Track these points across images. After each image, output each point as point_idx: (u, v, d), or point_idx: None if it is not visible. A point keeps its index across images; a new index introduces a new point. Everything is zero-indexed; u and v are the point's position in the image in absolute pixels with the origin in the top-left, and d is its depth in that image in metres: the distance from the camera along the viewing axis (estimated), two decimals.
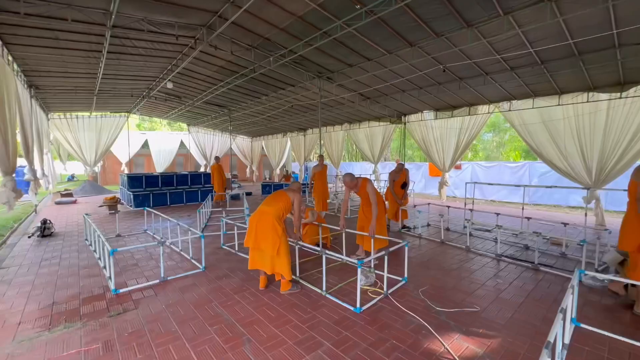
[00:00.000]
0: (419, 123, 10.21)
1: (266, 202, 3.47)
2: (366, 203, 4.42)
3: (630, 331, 2.69)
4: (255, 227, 3.35)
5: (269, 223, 3.31)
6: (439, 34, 5.05)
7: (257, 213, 3.43)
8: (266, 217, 3.33)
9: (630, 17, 4.16)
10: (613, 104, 6.55)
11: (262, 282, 3.54)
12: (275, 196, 3.53)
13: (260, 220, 3.35)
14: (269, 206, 3.40)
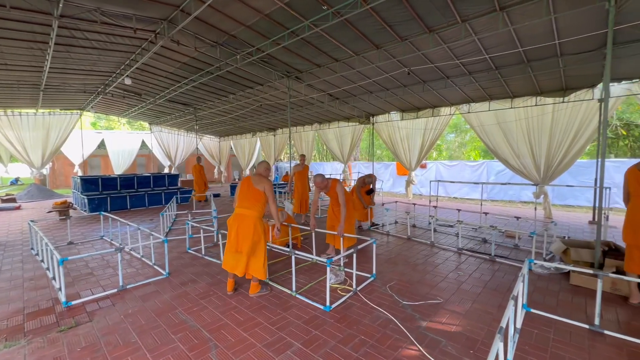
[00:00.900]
0: (386, 124, 10.53)
1: (243, 204, 3.30)
2: (336, 203, 4.48)
3: (571, 313, 2.97)
4: (237, 232, 3.24)
5: (251, 225, 3.23)
6: (403, 38, 5.24)
7: (237, 216, 3.29)
8: (248, 220, 3.24)
9: (569, 29, 4.60)
10: (557, 107, 7.21)
11: (230, 286, 3.42)
12: (249, 194, 3.32)
13: (242, 224, 3.24)
14: (249, 208, 3.27)
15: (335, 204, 4.51)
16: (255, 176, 3.39)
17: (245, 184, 3.37)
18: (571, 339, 2.55)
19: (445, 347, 2.44)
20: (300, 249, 4.97)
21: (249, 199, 3.31)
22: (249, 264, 3.25)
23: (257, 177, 3.37)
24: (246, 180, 3.40)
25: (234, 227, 3.26)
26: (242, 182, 3.40)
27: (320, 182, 4.28)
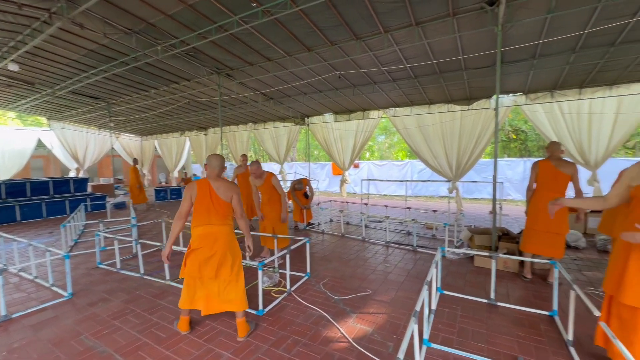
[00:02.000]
0: (321, 125, 10.79)
1: (211, 220, 2.54)
2: (268, 200, 4.41)
3: (475, 291, 3.45)
4: (214, 254, 2.52)
5: (227, 244, 2.57)
6: (333, 43, 5.43)
7: (206, 237, 2.52)
8: (223, 238, 2.56)
9: (471, 46, 5.33)
10: (464, 114, 8.32)
11: (185, 324, 2.64)
12: (214, 207, 2.54)
13: (217, 244, 2.53)
14: (223, 224, 2.57)
15: (267, 201, 4.43)
16: (216, 181, 2.58)
17: (206, 193, 2.54)
18: (474, 313, 2.96)
19: (372, 336, 2.59)
20: None
21: (216, 213, 2.55)
22: (229, 294, 2.56)
23: (220, 184, 2.59)
24: (204, 186, 2.54)
25: (204, 253, 2.50)
26: (200, 191, 2.52)
27: (256, 170, 4.21)
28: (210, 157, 2.63)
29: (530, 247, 3.64)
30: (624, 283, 1.89)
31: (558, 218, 3.37)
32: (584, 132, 7.21)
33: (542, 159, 3.68)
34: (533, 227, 3.61)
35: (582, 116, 7.16)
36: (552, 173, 3.51)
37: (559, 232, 3.47)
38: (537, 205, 3.58)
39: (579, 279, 3.78)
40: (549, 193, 3.47)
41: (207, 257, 2.52)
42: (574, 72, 6.25)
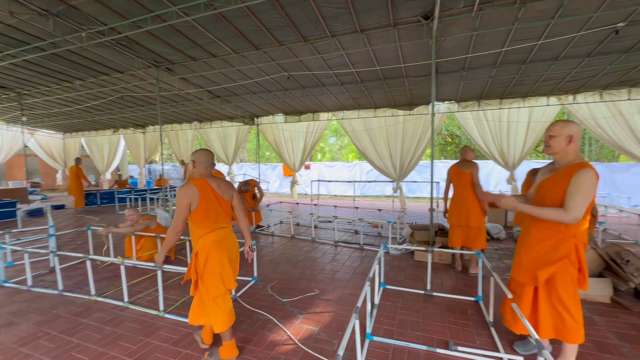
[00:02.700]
0: (271, 125, 10.65)
1: (222, 222, 2.29)
2: None
3: (414, 284, 3.70)
4: (230, 264, 2.28)
5: (238, 249, 2.44)
6: (281, 43, 5.39)
7: (223, 241, 2.26)
8: (236, 243, 2.41)
9: (410, 56, 5.73)
10: (406, 118, 8.91)
11: (209, 337, 2.46)
12: (221, 207, 2.29)
13: (233, 250, 2.34)
14: (229, 226, 2.37)
15: None
16: (214, 180, 2.31)
17: (211, 195, 2.23)
18: (413, 304, 3.17)
19: (318, 335, 2.62)
20: (173, 262, 4.43)
21: (224, 215, 2.31)
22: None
23: (220, 182, 2.33)
24: (206, 188, 2.22)
25: (225, 259, 2.23)
26: (203, 193, 2.19)
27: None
28: (198, 153, 2.30)
29: (454, 241, 4.03)
30: (514, 263, 2.23)
31: (470, 213, 3.82)
32: (504, 138, 8.23)
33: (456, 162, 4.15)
34: (452, 223, 4.03)
35: (503, 123, 8.18)
36: (456, 174, 3.98)
37: (473, 226, 3.86)
38: (453, 203, 4.03)
39: (499, 267, 4.29)
40: (458, 191, 3.96)
41: (228, 265, 2.25)
42: (495, 85, 7.10)
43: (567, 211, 1.85)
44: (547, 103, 7.73)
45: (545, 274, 1.99)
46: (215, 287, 2.18)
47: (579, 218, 1.85)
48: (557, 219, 1.89)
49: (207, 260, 2.18)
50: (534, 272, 2.06)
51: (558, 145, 1.99)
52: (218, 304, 2.20)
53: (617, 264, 3.34)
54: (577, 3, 3.94)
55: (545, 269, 1.99)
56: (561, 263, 1.95)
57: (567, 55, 5.49)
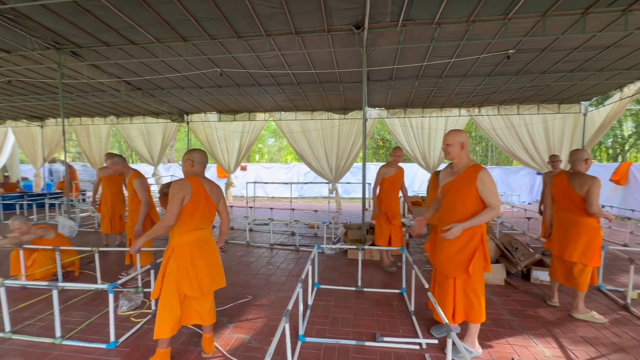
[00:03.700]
0: (203, 124, 9.98)
1: (203, 223, 2.25)
2: (136, 208, 3.75)
3: (346, 281, 3.83)
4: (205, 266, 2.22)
5: (217, 250, 2.42)
6: (213, 37, 5.09)
7: (201, 242, 2.22)
8: (213, 243, 2.37)
9: (344, 62, 5.96)
10: (341, 122, 9.27)
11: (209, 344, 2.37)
12: (208, 209, 2.27)
13: (211, 252, 2.31)
14: (208, 228, 2.33)
15: (135, 209, 3.77)
16: (207, 182, 2.30)
17: (202, 195, 2.21)
18: (345, 301, 3.28)
19: (249, 343, 2.51)
20: (77, 278, 3.80)
21: (209, 217, 2.30)
22: (202, 306, 2.28)
23: (212, 185, 2.33)
24: (199, 187, 2.20)
25: (200, 261, 2.19)
26: (196, 192, 2.17)
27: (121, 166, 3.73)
28: (194, 152, 2.31)
29: (379, 240, 4.28)
30: (436, 257, 2.49)
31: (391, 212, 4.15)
32: (426, 143, 9.17)
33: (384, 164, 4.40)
34: (377, 221, 4.30)
35: (424, 130, 9.10)
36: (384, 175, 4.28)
37: (395, 224, 4.19)
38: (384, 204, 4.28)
39: (422, 260, 4.73)
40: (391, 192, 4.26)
41: (209, 265, 2.24)
42: (418, 95, 7.86)
43: (494, 208, 2.17)
44: (459, 114, 8.87)
45: (468, 267, 2.24)
46: (190, 288, 2.12)
47: (502, 208, 2.19)
48: (491, 217, 2.20)
49: (182, 259, 2.13)
50: (455, 265, 2.31)
51: (454, 151, 2.31)
52: (172, 308, 2.10)
53: (509, 251, 3.97)
54: (479, 29, 4.59)
55: (466, 263, 2.25)
56: (476, 255, 2.23)
57: (473, 74, 6.36)
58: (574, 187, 2.87)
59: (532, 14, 4.21)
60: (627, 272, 3.18)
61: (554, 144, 8.41)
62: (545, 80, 6.57)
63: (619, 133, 15.06)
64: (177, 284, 2.10)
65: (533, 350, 2.43)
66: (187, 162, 2.27)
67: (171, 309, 2.09)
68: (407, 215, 4.65)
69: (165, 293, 2.09)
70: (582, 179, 2.83)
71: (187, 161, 2.26)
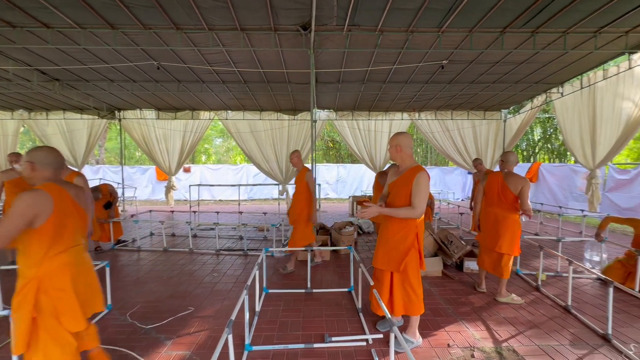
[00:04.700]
0: (138, 121, 9.09)
1: (77, 237, 1.81)
2: None
3: (297, 284, 3.79)
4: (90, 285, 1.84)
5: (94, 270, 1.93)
6: (147, 26, 4.64)
7: (80, 261, 1.79)
8: (91, 261, 1.93)
9: (293, 63, 5.92)
10: (291, 123, 9.22)
11: None
12: (81, 218, 1.84)
13: (90, 271, 1.87)
14: (85, 241, 1.91)
15: None
16: (68, 186, 1.80)
17: (68, 203, 1.74)
18: (294, 305, 3.22)
19: (190, 359, 2.32)
20: None
21: (82, 228, 1.86)
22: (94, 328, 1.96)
23: (77, 190, 1.85)
24: (60, 194, 1.70)
25: (81, 286, 1.75)
26: (59, 200, 1.67)
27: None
28: (35, 151, 1.72)
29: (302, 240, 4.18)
30: (375, 253, 2.58)
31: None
32: (372, 145, 9.58)
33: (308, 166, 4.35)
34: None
35: (371, 132, 9.50)
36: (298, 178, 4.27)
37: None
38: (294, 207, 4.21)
39: (369, 257, 4.90)
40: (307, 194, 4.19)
41: (88, 289, 1.82)
42: (364, 99, 8.17)
43: (414, 208, 2.25)
44: (402, 118, 9.45)
45: (402, 263, 2.34)
46: (74, 322, 1.68)
47: (423, 212, 2.28)
48: (408, 215, 2.27)
49: (58, 289, 1.65)
50: (390, 260, 2.41)
51: (392, 153, 2.44)
52: (64, 346, 1.66)
53: (445, 244, 4.32)
54: (418, 39, 4.93)
55: (400, 259, 2.35)
56: (410, 252, 2.35)
57: (413, 81, 6.82)
58: (509, 186, 3.20)
59: (461, 29, 4.64)
60: (538, 258, 3.68)
61: (481, 146, 9.44)
62: (473, 89, 7.33)
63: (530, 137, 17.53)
64: (58, 320, 1.65)
65: (465, 335, 2.66)
66: (27, 166, 1.69)
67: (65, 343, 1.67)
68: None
69: (50, 332, 1.64)
70: (516, 179, 3.18)
71: (27, 164, 1.69)
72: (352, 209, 9.49)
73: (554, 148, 16.54)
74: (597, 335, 2.65)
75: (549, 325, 2.81)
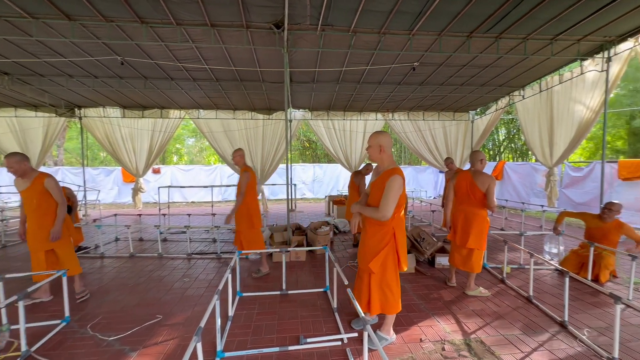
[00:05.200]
0: (101, 120, 8.54)
1: None
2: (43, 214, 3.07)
3: (272, 286, 3.72)
4: None
5: None
6: (108, 19, 4.36)
7: None
8: None
9: (266, 61, 5.81)
10: (266, 122, 9.07)
11: None
12: None
13: None
14: None
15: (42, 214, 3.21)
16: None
17: None
18: (269, 307, 3.16)
19: None
20: None
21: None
22: None
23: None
24: None
25: None
26: None
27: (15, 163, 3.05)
28: None
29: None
30: (358, 253, 2.60)
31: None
32: (348, 144, 9.66)
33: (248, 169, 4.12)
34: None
35: (346, 132, 9.58)
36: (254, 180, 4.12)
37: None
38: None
39: (344, 257, 4.93)
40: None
41: None
42: (339, 99, 8.21)
43: (379, 211, 2.25)
44: (376, 118, 9.61)
45: (377, 264, 2.36)
46: None
47: (388, 215, 2.25)
48: (373, 216, 2.29)
49: None
50: (367, 258, 2.42)
51: (373, 153, 2.42)
52: None
53: (418, 242, 4.44)
54: (390, 41, 5.02)
55: (377, 259, 2.36)
56: (385, 251, 2.36)
57: (386, 82, 6.95)
58: (477, 184, 3.32)
59: (431, 32, 4.79)
60: (504, 252, 3.88)
61: (451, 146, 9.82)
62: (443, 91, 7.60)
63: (496, 137, 18.52)
64: None
65: (437, 329, 2.74)
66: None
67: None
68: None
69: None
70: (483, 177, 3.31)
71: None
72: (328, 208, 9.53)
73: (517, 147, 17.56)
74: (556, 322, 2.82)
75: (513, 316, 2.97)
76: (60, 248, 3.24)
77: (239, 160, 4.06)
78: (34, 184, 3.12)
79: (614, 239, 3.72)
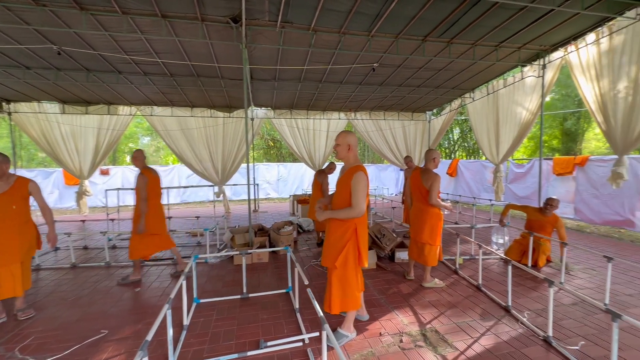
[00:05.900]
0: (36, 116, 7.64)
1: None
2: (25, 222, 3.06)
3: (232, 290, 3.59)
4: None
5: None
6: (39, 2, 3.90)
7: None
8: None
9: (224, 57, 5.58)
10: (226, 120, 8.75)
11: None
12: None
13: None
14: None
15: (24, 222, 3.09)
16: None
17: None
18: (228, 312, 3.04)
19: None
20: None
21: None
22: None
23: None
24: None
25: None
26: None
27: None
28: None
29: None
30: (323, 250, 2.59)
31: None
32: (311, 143, 9.66)
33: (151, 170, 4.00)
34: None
35: (310, 131, 9.57)
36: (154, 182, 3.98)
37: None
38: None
39: (308, 256, 4.91)
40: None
41: None
42: (302, 98, 8.17)
43: (352, 208, 2.29)
44: (339, 117, 9.73)
45: (337, 260, 2.37)
46: None
47: (363, 211, 2.31)
48: (348, 216, 2.31)
49: None
50: (328, 257, 2.43)
51: (342, 151, 2.44)
52: None
53: (378, 238, 4.56)
54: (350, 41, 5.08)
55: (336, 255, 2.38)
56: (346, 248, 2.38)
57: (347, 82, 7.05)
58: (423, 182, 3.48)
59: (388, 34, 4.93)
60: (457, 244, 4.12)
61: (410, 144, 10.26)
62: (401, 92, 7.90)
63: (451, 137, 19.74)
64: None
65: (395, 322, 2.83)
66: None
67: None
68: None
69: None
70: (428, 175, 3.47)
71: None
72: (292, 208, 9.46)
73: (469, 146, 18.86)
74: (501, 307, 3.06)
75: (464, 304, 3.16)
76: (28, 260, 3.05)
77: (138, 163, 3.84)
78: (14, 188, 2.91)
79: (549, 230, 4.14)
